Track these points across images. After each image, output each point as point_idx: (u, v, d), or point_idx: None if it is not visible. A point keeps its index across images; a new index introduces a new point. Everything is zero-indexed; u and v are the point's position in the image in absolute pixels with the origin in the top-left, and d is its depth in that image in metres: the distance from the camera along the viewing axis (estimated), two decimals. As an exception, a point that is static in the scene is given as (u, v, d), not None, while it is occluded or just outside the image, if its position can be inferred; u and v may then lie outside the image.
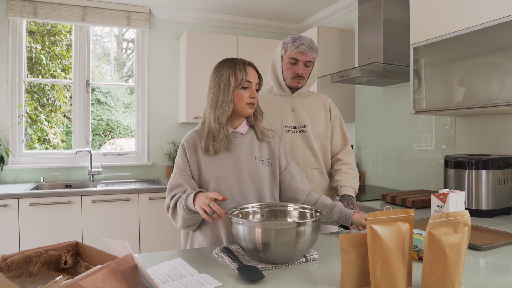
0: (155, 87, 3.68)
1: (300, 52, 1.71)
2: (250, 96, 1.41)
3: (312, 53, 1.72)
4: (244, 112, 1.42)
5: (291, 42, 1.73)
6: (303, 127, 1.78)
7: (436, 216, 0.91)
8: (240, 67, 1.40)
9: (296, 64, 1.74)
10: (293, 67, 1.74)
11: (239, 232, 1.10)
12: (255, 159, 1.46)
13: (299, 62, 1.73)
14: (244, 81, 1.39)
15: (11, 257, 0.84)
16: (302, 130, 1.78)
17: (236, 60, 1.42)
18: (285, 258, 1.10)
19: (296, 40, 1.73)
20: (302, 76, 1.75)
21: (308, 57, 1.72)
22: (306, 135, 1.78)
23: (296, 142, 1.76)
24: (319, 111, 1.83)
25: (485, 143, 2.22)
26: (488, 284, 0.98)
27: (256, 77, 1.44)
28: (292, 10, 3.64)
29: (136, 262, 0.78)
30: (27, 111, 3.38)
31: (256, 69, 1.46)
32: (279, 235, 1.05)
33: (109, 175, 3.52)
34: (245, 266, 1.06)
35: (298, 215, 1.32)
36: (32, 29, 3.42)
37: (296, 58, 1.72)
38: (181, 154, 1.44)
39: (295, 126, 1.78)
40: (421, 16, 2.11)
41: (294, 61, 1.73)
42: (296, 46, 1.71)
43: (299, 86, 1.79)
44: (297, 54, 1.71)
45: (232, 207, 1.26)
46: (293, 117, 1.79)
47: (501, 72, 1.75)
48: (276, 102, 1.81)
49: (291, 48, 1.72)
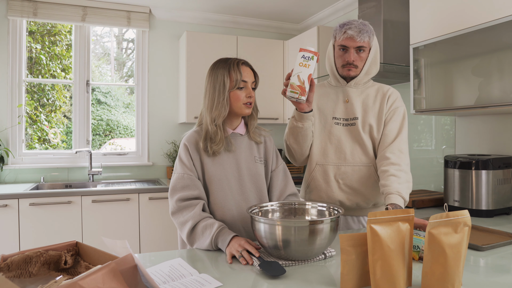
0: (155, 87, 3.68)
1: (348, 37, 1.54)
2: (247, 96, 1.40)
3: (362, 37, 1.54)
4: (242, 112, 1.41)
5: (339, 28, 1.58)
6: (353, 120, 1.62)
7: (436, 216, 0.91)
8: (234, 68, 1.38)
9: (347, 52, 1.58)
10: (344, 55, 1.59)
11: (260, 229, 1.12)
12: (254, 159, 1.46)
13: (349, 48, 1.56)
14: (239, 82, 1.37)
15: (11, 257, 0.84)
16: (352, 123, 1.62)
17: (230, 60, 1.41)
18: (304, 255, 1.11)
19: (344, 25, 1.56)
20: (353, 63, 1.58)
21: (357, 42, 1.54)
22: (355, 128, 1.61)
23: (345, 135, 1.62)
24: (375, 101, 1.63)
25: (485, 143, 2.22)
26: (488, 284, 0.98)
27: (252, 75, 1.43)
28: (292, 10, 3.64)
29: (136, 262, 0.78)
30: (27, 111, 3.38)
31: (252, 67, 1.45)
32: (299, 233, 1.07)
33: (109, 175, 3.52)
34: (267, 261, 1.08)
35: (316, 213, 1.33)
36: (32, 29, 3.42)
37: (345, 45, 1.56)
38: (185, 153, 1.40)
39: (346, 118, 1.63)
40: (421, 16, 2.11)
41: (344, 47, 1.57)
42: (343, 32, 1.55)
43: (351, 75, 1.61)
44: (346, 40, 1.55)
45: (252, 206, 1.27)
46: (345, 108, 1.64)
47: (501, 72, 1.75)
48: (330, 93, 1.69)
49: (339, 35, 1.57)
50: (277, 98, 3.70)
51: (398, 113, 1.62)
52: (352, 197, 1.63)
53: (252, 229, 1.17)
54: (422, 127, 2.70)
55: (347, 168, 1.61)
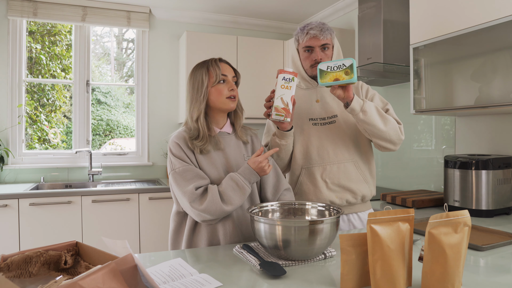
0: (155, 87, 3.68)
1: (312, 37, 1.59)
2: (229, 89, 1.41)
3: (325, 35, 1.59)
4: (227, 106, 1.42)
5: (300, 31, 1.63)
6: (332, 118, 1.65)
7: (436, 216, 0.91)
8: (213, 64, 1.42)
9: (312, 52, 1.62)
10: (310, 55, 1.63)
11: (260, 229, 1.12)
12: (243, 157, 1.47)
13: (314, 48, 1.61)
14: (219, 76, 1.40)
15: (11, 257, 0.84)
16: (331, 121, 1.65)
17: (208, 60, 1.45)
18: (304, 255, 1.12)
19: (305, 26, 1.62)
20: (321, 61, 1.59)
21: (321, 40, 1.59)
22: (336, 125, 1.64)
23: (325, 135, 1.64)
24: None
25: (485, 143, 2.22)
26: (488, 284, 0.98)
27: (231, 71, 1.45)
28: (292, 10, 3.64)
29: (136, 262, 0.78)
30: (27, 111, 3.38)
31: (230, 64, 1.48)
32: (299, 233, 1.07)
33: (109, 175, 3.52)
34: (267, 262, 1.08)
35: (316, 213, 1.34)
36: (32, 29, 3.42)
37: (310, 45, 1.61)
38: (179, 150, 1.38)
39: (323, 117, 1.66)
40: (421, 16, 2.11)
41: (309, 48, 1.62)
42: (305, 33, 1.60)
43: None
44: (310, 40, 1.60)
45: (252, 206, 1.28)
46: (320, 108, 1.67)
47: (501, 72, 1.75)
48: (302, 96, 1.70)
49: (301, 37, 1.62)
50: (277, 98, 3.70)
51: (377, 97, 1.67)
52: (341, 194, 1.64)
53: (252, 229, 1.17)
54: (422, 127, 2.70)
55: (333, 166, 1.63)
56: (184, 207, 1.36)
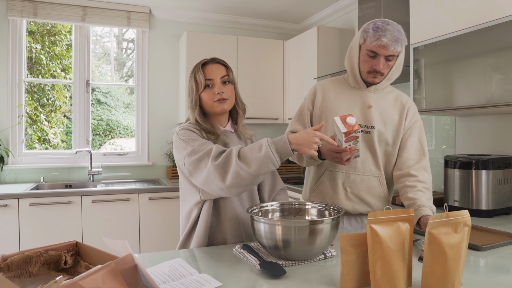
0: (155, 87, 3.68)
1: (381, 45, 1.43)
2: (216, 93, 1.39)
3: (396, 47, 1.44)
4: (217, 109, 1.41)
5: (372, 32, 1.45)
6: (369, 128, 1.55)
7: (436, 216, 0.91)
8: (197, 71, 1.41)
9: (375, 58, 1.47)
10: (371, 61, 1.48)
11: (260, 229, 1.12)
12: None
13: (379, 56, 1.46)
14: (203, 83, 1.39)
15: (11, 257, 0.84)
16: (368, 131, 1.56)
17: (196, 65, 1.44)
18: (304, 255, 1.12)
19: (378, 30, 1.44)
20: (380, 72, 1.49)
21: (390, 51, 1.44)
22: (370, 137, 1.55)
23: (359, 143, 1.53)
24: (393, 112, 1.57)
25: (485, 143, 2.22)
26: (488, 284, 0.98)
27: (221, 70, 1.41)
28: (292, 10, 3.64)
29: (136, 262, 0.78)
30: (27, 111, 3.38)
31: (221, 61, 1.45)
32: (299, 233, 1.07)
33: (109, 175, 3.52)
34: (267, 262, 1.08)
35: (316, 213, 1.34)
36: (32, 29, 3.42)
37: (376, 52, 1.46)
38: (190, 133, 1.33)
39: (361, 124, 1.55)
40: (421, 16, 2.11)
41: (373, 54, 1.47)
42: (376, 38, 1.43)
43: (375, 82, 1.54)
44: (378, 47, 1.44)
45: (252, 206, 1.28)
46: (362, 114, 1.56)
47: (501, 72, 1.75)
48: (347, 93, 1.60)
49: (370, 39, 1.45)
50: (277, 98, 3.70)
51: (419, 128, 1.59)
52: (358, 206, 1.59)
53: (252, 229, 1.17)
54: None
55: (357, 176, 1.57)
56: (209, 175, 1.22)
